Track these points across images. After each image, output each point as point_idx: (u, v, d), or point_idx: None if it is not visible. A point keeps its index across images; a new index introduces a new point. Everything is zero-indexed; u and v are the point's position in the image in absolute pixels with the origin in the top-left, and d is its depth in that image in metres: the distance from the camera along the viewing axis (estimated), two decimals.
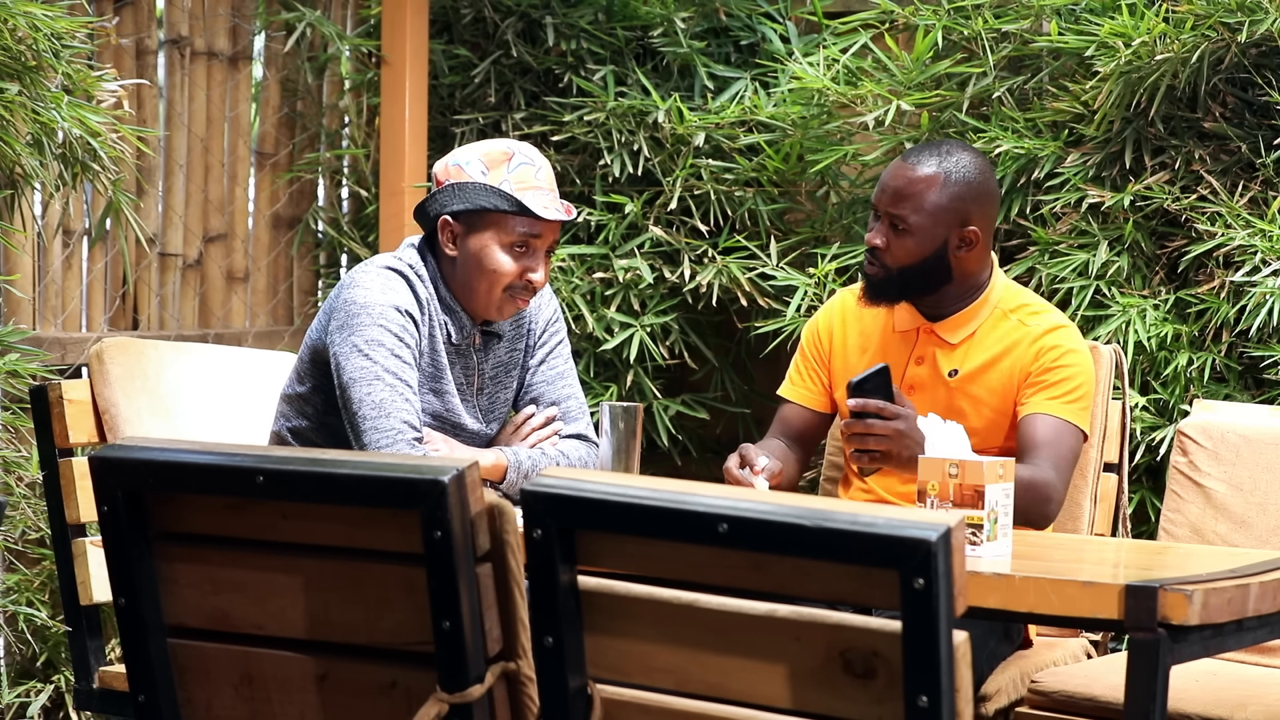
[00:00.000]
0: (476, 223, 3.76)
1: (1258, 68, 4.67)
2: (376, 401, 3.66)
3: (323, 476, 2.47)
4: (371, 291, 3.73)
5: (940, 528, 2.17)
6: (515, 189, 3.74)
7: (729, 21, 5.59)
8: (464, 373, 3.84)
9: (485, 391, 3.88)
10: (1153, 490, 4.65)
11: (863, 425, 3.49)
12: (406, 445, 3.64)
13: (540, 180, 3.77)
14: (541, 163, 3.80)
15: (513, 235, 3.75)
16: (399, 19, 5.47)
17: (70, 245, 5.07)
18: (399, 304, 3.72)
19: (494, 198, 3.74)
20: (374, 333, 3.69)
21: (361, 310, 3.71)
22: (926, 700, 2.18)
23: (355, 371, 3.68)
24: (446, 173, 3.79)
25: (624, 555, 2.39)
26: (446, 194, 3.77)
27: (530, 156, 3.79)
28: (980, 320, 3.83)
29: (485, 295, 3.78)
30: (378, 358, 3.68)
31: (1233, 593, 2.95)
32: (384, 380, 3.66)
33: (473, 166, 3.76)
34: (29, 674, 4.70)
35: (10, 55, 4.21)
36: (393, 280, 3.75)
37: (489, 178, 3.75)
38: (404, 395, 3.67)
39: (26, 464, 4.41)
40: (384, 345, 3.69)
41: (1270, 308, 4.48)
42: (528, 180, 3.76)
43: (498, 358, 3.89)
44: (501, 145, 3.79)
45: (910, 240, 3.76)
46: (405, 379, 3.68)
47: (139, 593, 2.59)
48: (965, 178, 3.77)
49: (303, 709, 2.57)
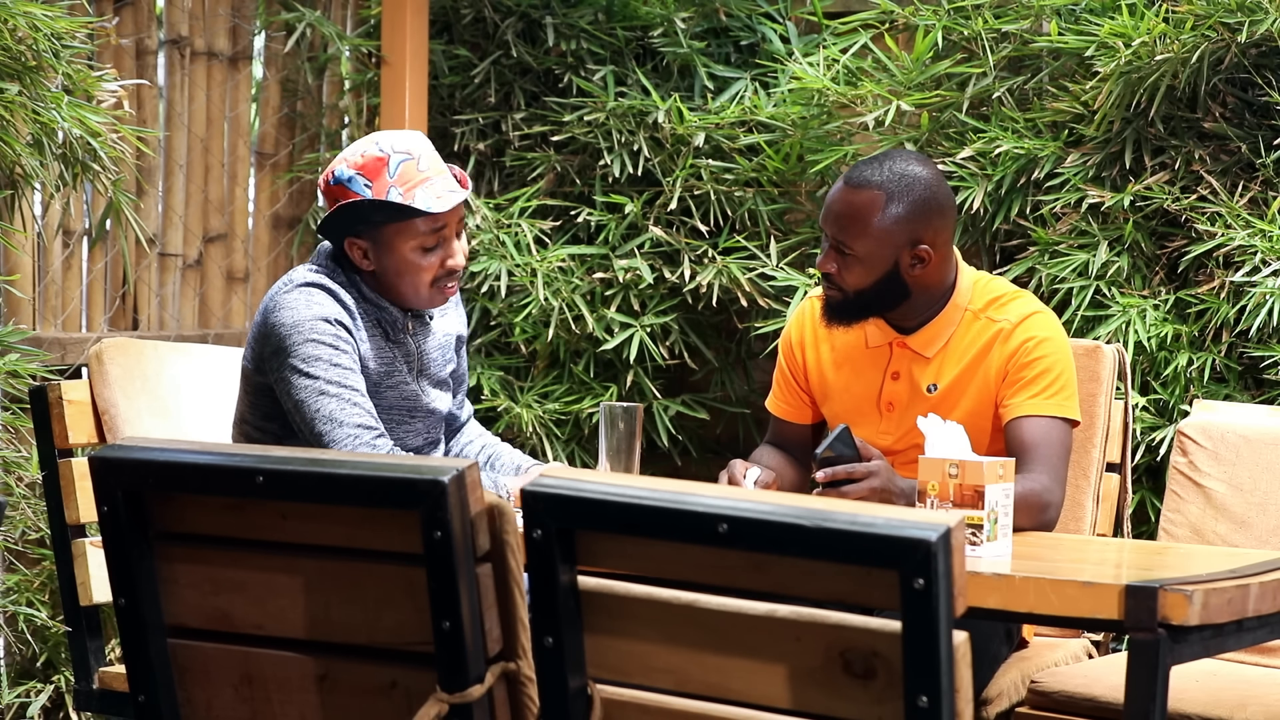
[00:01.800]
0: (379, 236, 3.71)
1: (1258, 68, 4.67)
2: (327, 415, 3.66)
3: (323, 477, 2.47)
4: (296, 310, 3.70)
5: (940, 528, 2.17)
6: (403, 194, 3.68)
7: (729, 22, 5.59)
8: (406, 359, 3.83)
9: (426, 371, 3.87)
10: (1153, 490, 4.65)
11: (837, 493, 3.41)
12: (367, 447, 3.65)
13: (425, 169, 3.71)
14: (420, 148, 3.73)
15: (420, 237, 3.71)
16: (399, 19, 5.47)
17: (70, 245, 5.07)
18: (325, 315, 3.70)
19: (386, 211, 3.69)
20: (308, 349, 3.67)
21: (291, 330, 3.68)
22: (926, 700, 2.18)
23: (300, 392, 3.67)
24: (331, 191, 3.74)
25: (624, 555, 2.39)
26: (341, 217, 3.71)
27: (406, 148, 3.72)
28: (952, 328, 3.72)
29: (413, 294, 3.76)
30: (318, 372, 3.67)
31: (1233, 593, 2.95)
32: (329, 393, 3.66)
33: (355, 183, 3.70)
34: (29, 674, 4.70)
35: (10, 55, 4.21)
36: (314, 295, 3.72)
37: (374, 190, 3.69)
38: (351, 400, 3.66)
39: (26, 464, 4.41)
40: (321, 359, 3.68)
41: (1270, 308, 4.48)
42: (411, 176, 3.70)
43: (436, 340, 3.89)
44: (373, 150, 3.71)
45: (859, 265, 3.63)
46: (349, 384, 3.68)
47: (139, 593, 2.59)
48: (909, 195, 3.62)
49: (303, 709, 2.57)
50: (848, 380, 3.80)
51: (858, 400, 3.78)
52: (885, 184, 3.62)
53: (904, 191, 3.62)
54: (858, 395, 3.78)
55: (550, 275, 5.34)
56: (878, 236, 3.62)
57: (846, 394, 3.80)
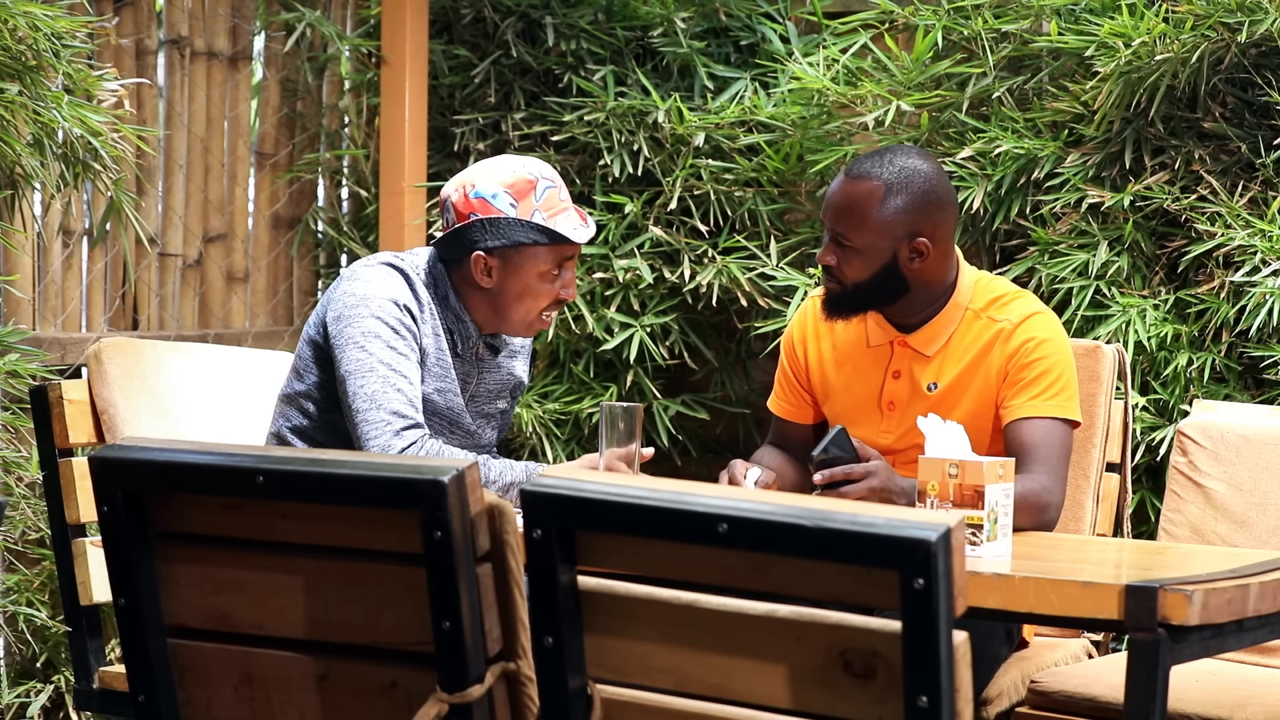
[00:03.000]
0: (513, 256, 3.75)
1: (1257, 68, 4.67)
2: (369, 394, 3.68)
3: (322, 476, 2.47)
4: (371, 284, 3.74)
5: (940, 528, 2.17)
6: (548, 219, 3.74)
7: (729, 22, 5.59)
8: (463, 379, 3.85)
9: (478, 400, 3.89)
10: (1153, 490, 4.65)
11: (836, 494, 3.41)
12: (392, 435, 3.65)
13: (564, 199, 3.78)
14: (558, 179, 3.80)
15: (551, 264, 3.77)
16: (399, 19, 5.47)
17: (70, 245, 5.07)
18: (396, 297, 3.73)
19: (531, 232, 3.73)
20: (370, 324, 3.71)
21: (360, 302, 3.72)
22: (926, 700, 2.18)
23: (351, 364, 3.70)
24: (469, 205, 3.75)
25: (624, 555, 2.39)
26: (477, 230, 3.74)
27: (551, 177, 3.78)
28: (952, 326, 3.72)
29: (522, 320, 3.80)
30: (373, 349, 3.69)
31: (1233, 593, 2.95)
32: (377, 372, 3.68)
33: (500, 200, 3.74)
34: (29, 674, 4.70)
35: (10, 55, 4.21)
36: (392, 276, 3.77)
37: (519, 210, 3.73)
38: (395, 386, 3.68)
39: (26, 464, 4.41)
40: (380, 337, 3.70)
41: (1270, 308, 4.48)
42: (555, 204, 3.76)
43: (499, 376, 3.91)
44: (522, 171, 3.76)
45: (857, 258, 3.64)
46: (399, 369, 3.69)
47: (139, 593, 2.59)
48: (909, 188, 3.63)
49: (303, 709, 2.57)
50: (849, 379, 3.80)
51: (859, 399, 3.79)
52: (885, 177, 3.63)
53: (904, 184, 3.63)
54: (859, 394, 3.79)
55: None
56: (876, 228, 3.63)
57: (848, 393, 3.80)
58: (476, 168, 3.80)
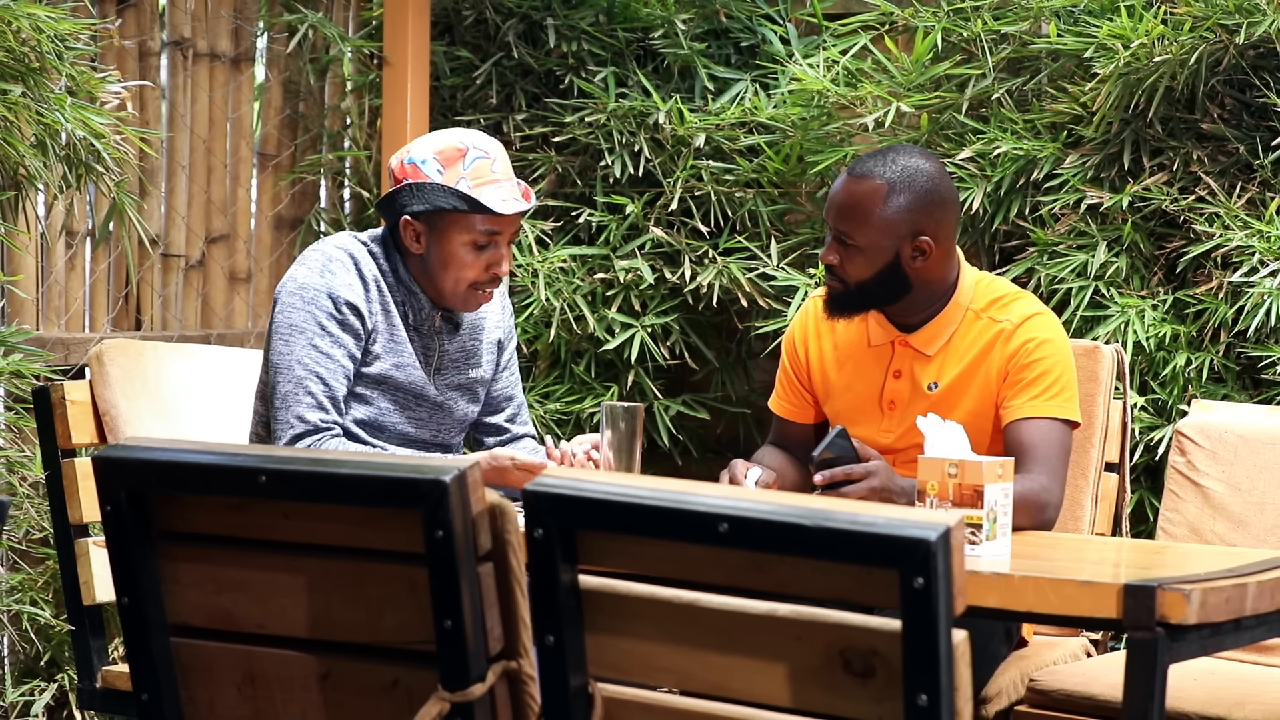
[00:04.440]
0: (437, 222, 3.76)
1: (1255, 69, 4.68)
2: (282, 394, 3.71)
3: (325, 476, 2.48)
4: (311, 273, 3.75)
5: (940, 527, 2.17)
6: (473, 187, 3.72)
7: (729, 23, 5.60)
8: (424, 352, 3.84)
9: (446, 372, 3.88)
10: (1151, 490, 4.66)
11: (836, 493, 3.42)
12: (290, 439, 3.68)
13: (497, 172, 3.76)
14: (497, 152, 3.78)
15: (474, 234, 3.75)
16: (401, 21, 5.48)
17: (73, 246, 5.08)
18: (332, 288, 3.73)
19: (452, 198, 3.73)
20: (296, 316, 3.72)
21: (296, 291, 3.74)
22: (926, 699, 2.19)
23: (274, 356, 3.74)
24: (403, 170, 3.77)
25: (625, 555, 2.40)
26: (405, 194, 3.75)
27: (485, 148, 3.77)
28: (953, 326, 3.72)
29: (451, 290, 3.79)
30: (295, 345, 3.71)
31: (1230, 592, 2.95)
32: (293, 371, 3.70)
33: (429, 165, 3.75)
34: (32, 673, 4.71)
35: (14, 57, 4.22)
36: (333, 263, 3.76)
37: (445, 177, 3.73)
38: (307, 388, 3.69)
39: (30, 464, 4.41)
40: (304, 332, 3.71)
41: (1268, 308, 4.49)
42: (484, 175, 3.74)
43: (460, 343, 3.90)
44: (455, 139, 3.77)
45: (860, 256, 3.64)
46: (316, 369, 3.70)
47: (142, 592, 2.59)
48: (912, 187, 3.63)
49: (305, 708, 2.58)
50: (850, 379, 3.81)
51: (860, 399, 3.79)
52: (889, 176, 3.64)
53: (906, 183, 3.64)
54: (860, 394, 3.79)
55: (551, 276, 5.35)
56: (879, 227, 3.63)
57: (848, 392, 3.81)
58: (421, 137, 3.83)
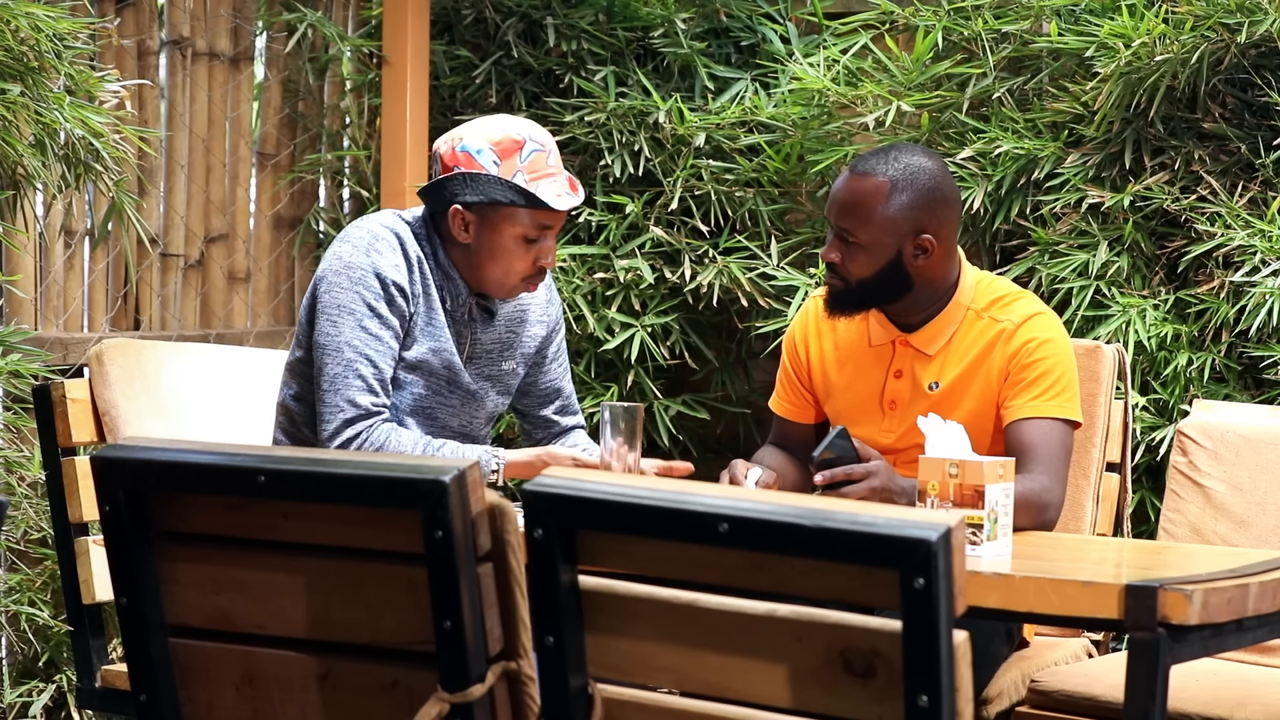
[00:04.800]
0: (490, 214, 3.73)
1: (1257, 68, 4.67)
2: (330, 376, 3.70)
3: (324, 476, 2.47)
4: (357, 250, 3.74)
5: (940, 527, 2.17)
6: (529, 181, 3.71)
7: (729, 22, 5.60)
8: (458, 339, 3.83)
9: (478, 361, 3.87)
10: (1153, 490, 4.66)
11: (836, 494, 3.41)
12: (341, 423, 3.67)
13: (552, 165, 3.75)
14: (550, 144, 3.77)
15: (527, 228, 3.74)
16: (400, 20, 5.47)
17: (72, 246, 5.07)
18: (379, 267, 3.72)
19: (509, 192, 3.71)
20: (344, 297, 3.71)
21: (342, 269, 3.72)
22: (926, 700, 2.19)
23: (321, 336, 3.72)
24: (454, 158, 3.74)
25: (625, 555, 2.40)
26: (458, 183, 3.73)
27: (540, 140, 3.75)
28: (954, 326, 3.72)
29: (498, 281, 3.79)
30: (343, 326, 3.70)
31: (1232, 592, 2.95)
32: (342, 353, 3.69)
33: (484, 156, 3.72)
34: (31, 673, 4.71)
35: (13, 56, 4.21)
36: (380, 242, 3.74)
37: (502, 169, 3.71)
38: (356, 370, 3.67)
39: (29, 464, 4.41)
40: (354, 313, 3.70)
41: (1270, 308, 4.48)
42: (540, 168, 3.73)
43: (496, 334, 3.89)
44: (511, 131, 3.74)
45: (862, 254, 3.64)
46: (366, 350, 3.69)
47: (141, 592, 2.59)
48: (914, 185, 3.62)
49: (304, 708, 2.58)
50: (850, 378, 3.80)
51: (860, 399, 3.79)
52: (891, 173, 3.63)
53: (909, 181, 3.63)
54: (860, 393, 3.79)
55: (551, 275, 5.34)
56: (881, 224, 3.63)
57: (849, 392, 3.80)
58: (471, 124, 3.79)
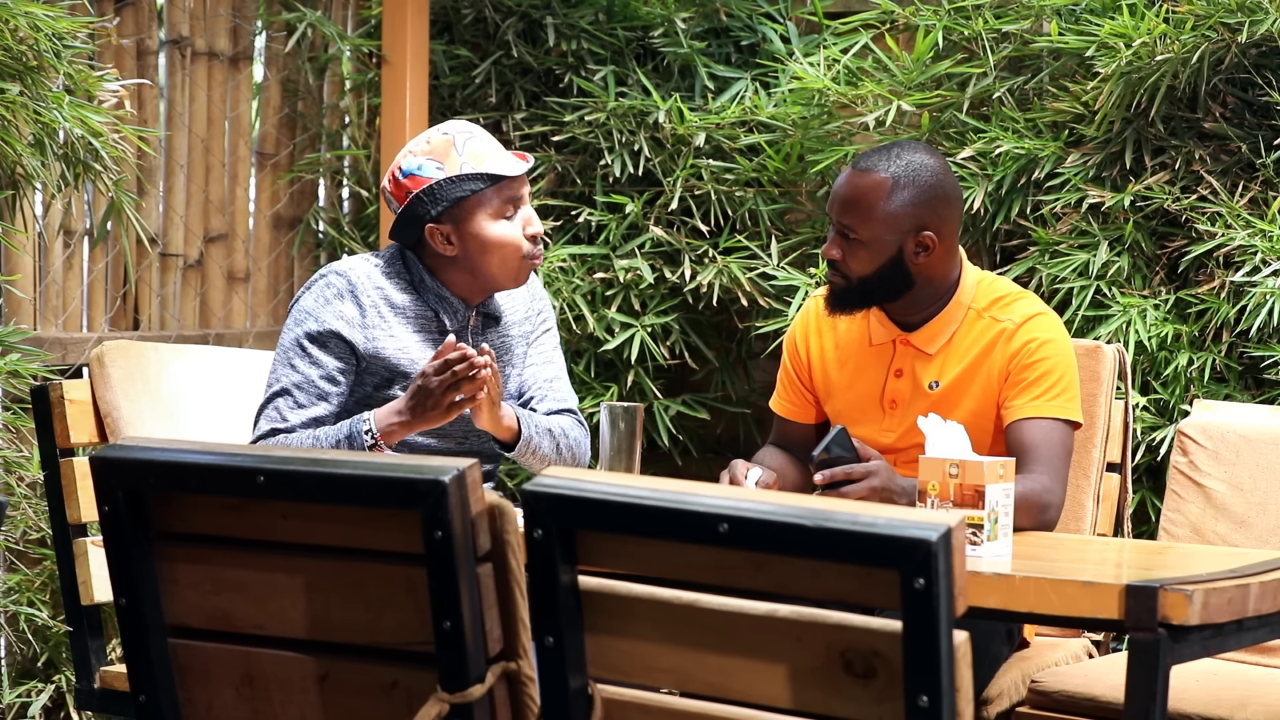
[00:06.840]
0: (460, 214, 3.77)
1: (1258, 68, 4.67)
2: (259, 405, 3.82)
3: (323, 477, 2.47)
4: (304, 299, 3.83)
5: (940, 528, 2.17)
6: (477, 166, 3.77)
7: (729, 22, 5.59)
8: None
9: None
10: (1153, 490, 4.66)
11: (836, 493, 3.41)
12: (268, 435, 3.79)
13: (489, 145, 3.81)
14: (478, 130, 3.83)
15: (499, 206, 3.78)
16: (400, 19, 5.47)
17: (71, 245, 5.07)
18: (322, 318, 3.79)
19: (465, 183, 3.76)
20: (287, 338, 3.82)
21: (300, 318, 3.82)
22: (927, 700, 2.18)
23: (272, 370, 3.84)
24: (402, 186, 3.79)
25: (625, 555, 2.40)
26: (418, 204, 3.78)
27: (468, 130, 3.82)
28: (955, 325, 3.72)
29: (502, 269, 3.81)
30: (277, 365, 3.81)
31: (1233, 593, 2.95)
32: (271, 388, 3.80)
33: (425, 168, 3.78)
34: (30, 674, 4.71)
35: (11, 55, 4.21)
36: (330, 289, 3.81)
37: (447, 169, 3.77)
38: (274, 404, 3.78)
39: (27, 464, 4.41)
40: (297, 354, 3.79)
41: (1270, 308, 4.48)
42: (480, 151, 3.79)
43: (498, 341, 3.90)
44: (436, 135, 3.81)
45: (863, 251, 3.64)
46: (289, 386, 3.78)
47: (140, 593, 2.59)
48: (916, 182, 3.63)
49: (303, 709, 2.57)
50: (851, 378, 3.80)
51: (861, 398, 3.79)
52: (892, 171, 3.63)
53: (910, 178, 3.63)
54: (861, 393, 3.79)
55: (551, 275, 5.34)
56: (883, 221, 3.63)
57: (850, 392, 3.80)
58: (399, 153, 3.85)
